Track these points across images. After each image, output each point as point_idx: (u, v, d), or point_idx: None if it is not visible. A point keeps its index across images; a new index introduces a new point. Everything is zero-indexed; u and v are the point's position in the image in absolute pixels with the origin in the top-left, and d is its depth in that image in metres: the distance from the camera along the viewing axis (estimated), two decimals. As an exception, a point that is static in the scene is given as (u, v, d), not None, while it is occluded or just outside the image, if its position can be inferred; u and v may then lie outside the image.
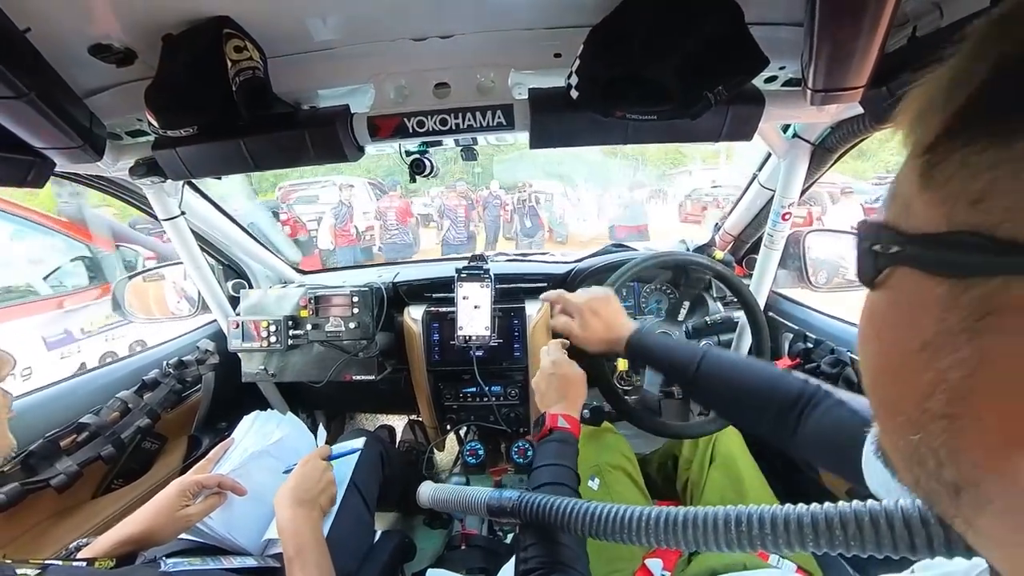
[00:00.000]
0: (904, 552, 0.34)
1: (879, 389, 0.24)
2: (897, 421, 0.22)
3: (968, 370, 0.18)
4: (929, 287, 0.19)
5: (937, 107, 0.19)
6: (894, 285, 0.21)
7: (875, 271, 0.22)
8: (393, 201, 7.68)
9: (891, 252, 0.21)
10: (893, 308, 0.22)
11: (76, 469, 0.98)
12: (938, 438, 0.19)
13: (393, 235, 7.51)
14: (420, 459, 1.68)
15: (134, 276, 1.50)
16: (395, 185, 7.75)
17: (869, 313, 0.24)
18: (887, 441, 0.24)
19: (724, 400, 0.75)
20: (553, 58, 0.75)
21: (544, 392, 0.88)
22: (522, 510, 0.61)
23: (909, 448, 0.21)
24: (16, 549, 0.91)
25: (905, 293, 0.21)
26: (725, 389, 0.73)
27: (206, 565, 0.78)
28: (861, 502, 0.37)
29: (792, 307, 1.38)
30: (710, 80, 0.62)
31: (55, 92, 0.66)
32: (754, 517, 0.41)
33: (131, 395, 1.16)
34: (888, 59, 0.57)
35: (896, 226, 0.21)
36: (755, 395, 0.69)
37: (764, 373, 0.70)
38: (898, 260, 0.21)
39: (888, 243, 0.21)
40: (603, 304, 0.89)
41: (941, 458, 0.20)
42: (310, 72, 0.79)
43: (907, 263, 0.20)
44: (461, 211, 7.62)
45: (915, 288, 0.20)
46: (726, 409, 0.77)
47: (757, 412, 0.68)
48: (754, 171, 1.26)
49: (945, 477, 0.20)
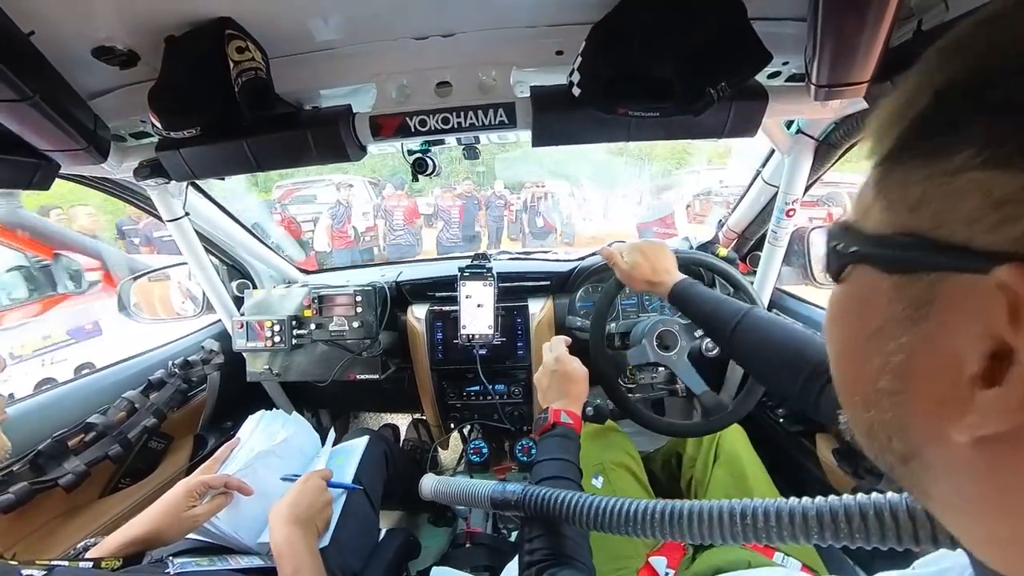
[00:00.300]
0: (908, 544, 0.34)
1: (840, 371, 0.26)
2: (855, 399, 0.25)
3: (907, 353, 0.21)
4: (879, 282, 0.22)
5: (893, 124, 0.22)
6: (853, 280, 0.24)
7: (839, 267, 0.25)
8: (401, 200, 7.14)
9: (850, 251, 0.24)
10: (851, 300, 0.25)
11: (84, 468, 0.99)
12: (886, 413, 0.22)
13: (399, 236, 7.07)
14: (424, 458, 1.68)
15: (139, 277, 1.51)
16: (403, 184, 7.29)
17: (834, 305, 0.26)
18: (850, 418, 0.27)
19: (755, 360, 0.75)
20: (555, 56, 0.74)
21: (546, 388, 0.88)
22: (527, 503, 0.61)
23: (866, 424, 0.24)
24: (25, 548, 0.92)
25: (861, 287, 0.24)
26: (758, 350, 0.74)
27: (213, 565, 0.79)
28: (866, 495, 0.37)
29: (796, 304, 1.37)
30: (713, 76, 0.62)
31: (59, 95, 0.66)
32: (759, 510, 0.42)
33: (137, 395, 1.17)
34: (893, 53, 0.57)
35: (856, 227, 0.24)
36: (785, 359, 0.69)
37: (797, 337, 0.70)
38: (855, 258, 0.24)
39: (848, 243, 0.24)
40: (655, 250, 0.95)
41: (891, 431, 0.23)
42: (312, 72, 0.79)
43: (862, 261, 0.23)
44: (456, 212, 7.30)
45: (869, 283, 0.23)
46: (756, 369, 0.77)
47: (787, 376, 0.68)
48: (757, 167, 1.25)
49: (896, 448, 0.23)
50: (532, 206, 7.54)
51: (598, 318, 1.08)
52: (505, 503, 0.65)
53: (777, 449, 1.25)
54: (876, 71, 0.59)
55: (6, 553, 0.88)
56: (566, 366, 0.88)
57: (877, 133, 0.23)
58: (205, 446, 1.39)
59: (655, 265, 0.93)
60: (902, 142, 0.21)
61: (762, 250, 1.22)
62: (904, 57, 0.58)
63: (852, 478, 0.98)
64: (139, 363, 1.31)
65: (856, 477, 0.97)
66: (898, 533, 0.34)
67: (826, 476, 1.10)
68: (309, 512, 0.81)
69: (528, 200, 7.69)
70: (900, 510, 0.34)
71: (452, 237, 7.29)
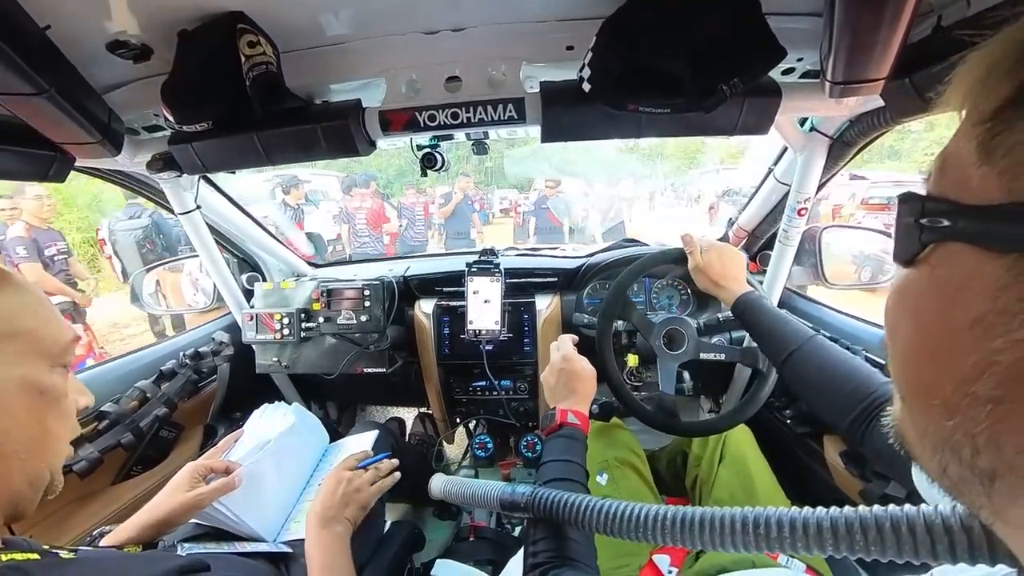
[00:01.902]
0: (926, 558, 0.33)
1: (912, 371, 0.23)
2: (930, 405, 0.21)
3: (1021, 352, 0.17)
4: (982, 263, 0.18)
5: (1002, 73, 0.18)
6: (940, 261, 0.20)
7: (920, 246, 0.21)
8: (365, 201, 5.65)
9: (941, 226, 0.20)
10: (937, 286, 0.21)
11: (97, 455, 1.01)
12: (979, 423, 0.19)
13: (364, 243, 5.76)
14: (430, 452, 1.70)
15: (151, 269, 1.53)
16: (368, 181, 5.83)
17: (904, 291, 0.23)
18: (913, 427, 0.23)
19: (810, 387, 0.74)
20: (565, 51, 0.74)
21: (553, 387, 0.88)
22: (536, 505, 0.61)
23: (941, 433, 0.20)
24: (42, 531, 0.94)
25: (953, 269, 0.20)
26: (816, 378, 0.73)
27: (220, 549, 0.80)
28: (882, 507, 0.36)
29: (806, 304, 1.36)
30: (725, 72, 0.61)
31: (75, 88, 0.67)
32: (772, 520, 0.41)
33: (149, 385, 1.19)
34: (911, 50, 0.55)
35: (947, 198, 0.20)
36: (843, 392, 0.67)
37: (858, 373, 0.68)
38: (949, 234, 0.20)
39: (938, 216, 0.20)
40: (731, 255, 0.96)
41: (979, 444, 0.19)
42: (322, 67, 0.79)
43: (959, 238, 0.19)
44: (420, 209, 6.40)
45: (966, 264, 0.19)
46: (808, 394, 0.76)
47: (840, 408, 0.67)
48: (769, 165, 1.24)
49: (980, 465, 0.19)
50: (544, 209, 6.77)
51: (605, 315, 1.08)
52: (514, 505, 0.65)
53: (784, 450, 1.24)
54: (893, 68, 0.57)
55: (23, 536, 0.90)
56: (574, 365, 0.88)
57: (978, 85, 0.19)
58: (215, 436, 1.42)
59: (726, 270, 0.94)
60: (1013, 100, 0.17)
61: (772, 249, 1.21)
62: (922, 54, 0.57)
63: (859, 480, 0.97)
64: (151, 353, 1.34)
65: (863, 480, 0.96)
66: (915, 547, 0.33)
67: (833, 478, 1.09)
68: (332, 510, 0.81)
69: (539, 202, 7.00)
70: (919, 524, 0.33)
71: (417, 235, 6.41)
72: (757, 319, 0.85)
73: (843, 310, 1.25)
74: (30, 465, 0.43)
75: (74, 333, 0.49)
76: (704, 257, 0.96)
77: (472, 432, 1.61)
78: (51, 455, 0.45)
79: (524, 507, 0.63)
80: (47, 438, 0.44)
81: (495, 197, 11.43)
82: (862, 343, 1.09)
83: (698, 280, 0.98)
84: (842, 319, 1.22)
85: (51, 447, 0.45)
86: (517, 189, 7.99)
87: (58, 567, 0.41)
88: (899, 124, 0.82)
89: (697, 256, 0.97)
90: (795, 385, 0.79)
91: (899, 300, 0.23)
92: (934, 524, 0.33)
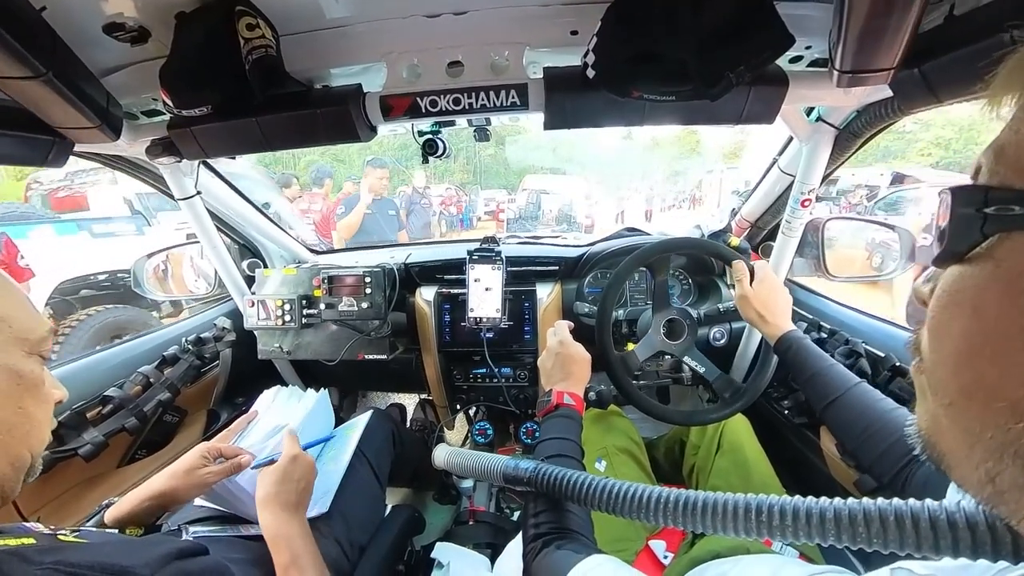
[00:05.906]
0: (928, 552, 0.33)
1: (968, 372, 0.21)
2: (992, 408, 0.20)
3: None
4: None
5: None
6: (1005, 254, 0.19)
7: (981, 237, 0.20)
8: (314, 202, 4.36)
9: (1012, 214, 0.19)
10: (1004, 279, 0.19)
11: (102, 439, 1.02)
12: None
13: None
14: (430, 438, 1.72)
15: (154, 255, 1.53)
16: (322, 179, 4.54)
17: (959, 288, 0.21)
18: (960, 432, 0.22)
19: (852, 434, 0.76)
20: (569, 36, 0.72)
21: (549, 370, 0.89)
22: (539, 480, 0.62)
23: (1003, 438, 0.19)
24: (48, 513, 0.96)
25: (1019, 262, 0.19)
26: (859, 424, 0.74)
27: (225, 532, 0.82)
28: (886, 500, 0.36)
29: (807, 296, 1.36)
30: (732, 59, 0.60)
31: (72, 72, 0.66)
32: (775, 507, 0.41)
33: (152, 370, 1.20)
34: (922, 39, 0.54)
35: (1015, 187, 0.19)
36: (888, 442, 0.69)
37: (895, 424, 0.70)
38: (1015, 225, 0.19)
39: (1006, 205, 0.19)
40: (780, 292, 0.98)
41: None
42: (322, 50, 0.77)
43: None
44: (316, 217, 5.63)
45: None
46: (849, 439, 0.78)
47: (883, 457, 0.69)
48: (774, 155, 1.22)
49: None
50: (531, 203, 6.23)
51: (605, 304, 1.08)
52: (517, 479, 0.66)
53: (781, 440, 1.25)
54: (903, 57, 0.56)
55: (31, 517, 0.92)
56: (569, 349, 0.89)
57: None
58: (218, 420, 1.43)
59: (774, 305, 0.95)
60: None
61: (775, 240, 1.20)
62: (933, 43, 0.56)
63: (855, 471, 0.98)
64: (153, 339, 1.35)
65: (859, 470, 0.97)
66: (918, 541, 0.33)
67: (829, 468, 1.10)
68: (294, 495, 0.77)
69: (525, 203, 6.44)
70: (923, 519, 0.32)
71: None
72: (802, 361, 0.86)
73: (842, 302, 1.25)
74: (11, 447, 0.45)
75: (50, 325, 0.50)
76: (755, 288, 0.97)
77: (472, 419, 1.62)
78: (32, 439, 0.47)
79: (527, 481, 0.64)
80: (28, 422, 0.46)
81: (479, 199, 10.57)
82: (861, 335, 1.09)
83: (743, 309, 0.99)
84: (841, 311, 1.22)
85: (31, 431, 0.47)
86: (507, 190, 7.54)
87: (56, 551, 0.42)
88: (907, 115, 0.81)
89: (746, 286, 0.97)
90: (835, 426, 0.81)
91: (950, 297, 0.22)
92: (938, 519, 0.32)
